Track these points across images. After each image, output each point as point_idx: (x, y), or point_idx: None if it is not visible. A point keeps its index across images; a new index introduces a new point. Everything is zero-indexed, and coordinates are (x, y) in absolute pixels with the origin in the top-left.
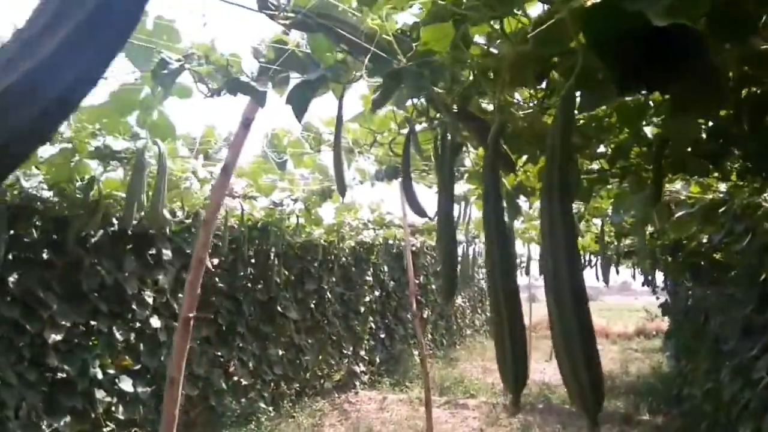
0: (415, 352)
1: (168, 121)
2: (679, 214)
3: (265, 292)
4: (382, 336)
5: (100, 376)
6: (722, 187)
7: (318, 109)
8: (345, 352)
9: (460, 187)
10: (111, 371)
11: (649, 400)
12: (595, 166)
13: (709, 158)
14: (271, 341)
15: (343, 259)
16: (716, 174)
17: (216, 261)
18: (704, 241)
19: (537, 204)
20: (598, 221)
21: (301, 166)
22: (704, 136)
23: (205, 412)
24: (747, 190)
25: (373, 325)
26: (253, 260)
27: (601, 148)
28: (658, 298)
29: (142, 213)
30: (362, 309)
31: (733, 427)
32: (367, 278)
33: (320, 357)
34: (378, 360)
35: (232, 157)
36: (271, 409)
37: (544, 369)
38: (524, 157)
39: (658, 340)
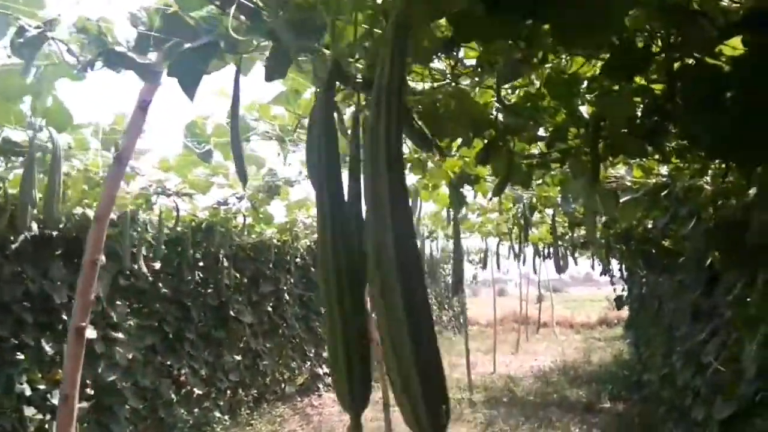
0: None
1: (63, 107)
2: (625, 199)
3: (216, 296)
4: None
5: (28, 392)
6: (664, 170)
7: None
8: (307, 354)
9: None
10: (41, 386)
11: (610, 388)
12: (536, 150)
13: (647, 137)
14: (225, 347)
15: (299, 259)
16: (656, 156)
17: (157, 265)
18: (650, 226)
19: (495, 198)
20: (551, 212)
21: (232, 159)
22: (639, 114)
23: (154, 425)
24: (688, 172)
25: None
26: (201, 263)
27: (542, 132)
28: (615, 290)
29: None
30: (323, 310)
31: (688, 412)
32: None
33: (280, 361)
34: None
35: (128, 144)
36: (227, 417)
37: (509, 362)
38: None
39: (620, 329)
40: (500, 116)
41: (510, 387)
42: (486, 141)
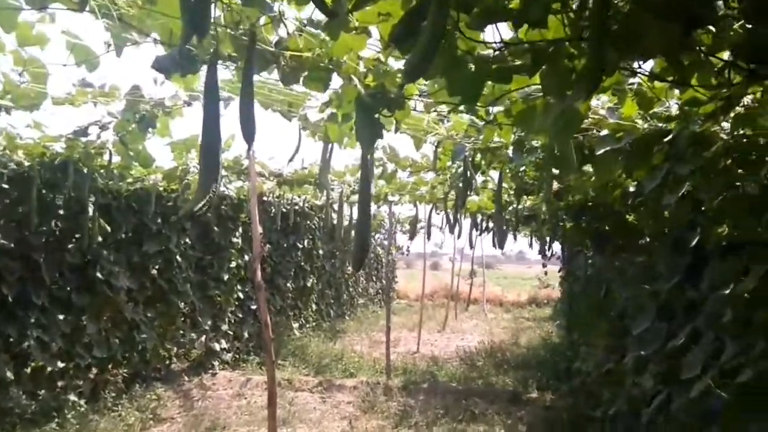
0: (295, 325)
1: None
2: (603, 150)
3: (79, 253)
4: (253, 307)
5: None
6: (673, 108)
7: None
8: (203, 327)
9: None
10: None
11: (539, 376)
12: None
13: (682, 18)
14: (90, 316)
15: (198, 215)
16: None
17: None
18: (631, 189)
19: (429, 152)
20: (496, 175)
21: (32, 42)
22: None
23: None
24: (704, 111)
25: (241, 295)
26: (61, 211)
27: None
28: (546, 273)
29: None
30: (226, 276)
31: (640, 422)
32: (235, 240)
33: (165, 334)
34: (246, 335)
35: None
36: (83, 402)
37: (435, 341)
38: None
39: (549, 309)
40: None
41: (432, 371)
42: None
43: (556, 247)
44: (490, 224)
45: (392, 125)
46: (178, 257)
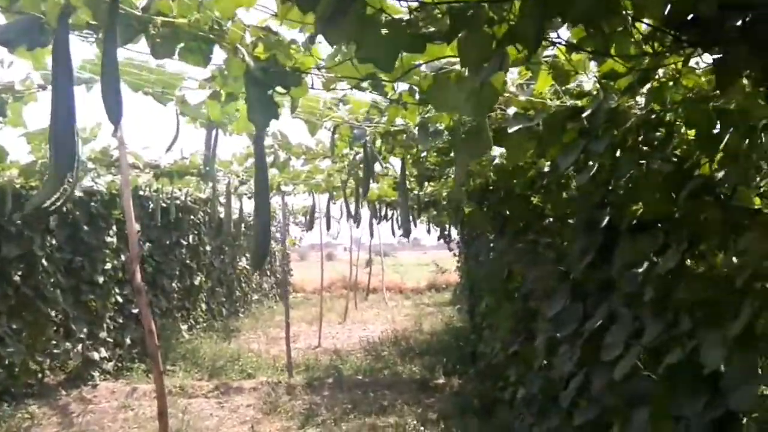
0: (184, 327)
1: None
2: (515, 128)
3: None
4: (135, 311)
5: None
6: (586, 84)
7: None
8: (78, 335)
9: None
10: None
11: (444, 361)
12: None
13: None
14: None
15: (67, 214)
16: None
17: None
18: (546, 170)
19: (325, 138)
20: (397, 162)
21: None
22: None
23: None
24: (619, 87)
25: (119, 299)
26: None
27: None
28: (455, 255)
29: None
30: (101, 279)
31: (554, 404)
32: (109, 239)
33: (35, 345)
34: (129, 341)
35: None
36: None
37: (336, 333)
38: None
39: (448, 293)
40: None
41: (336, 365)
42: None
43: (455, 232)
44: (389, 213)
45: (287, 105)
46: (43, 261)
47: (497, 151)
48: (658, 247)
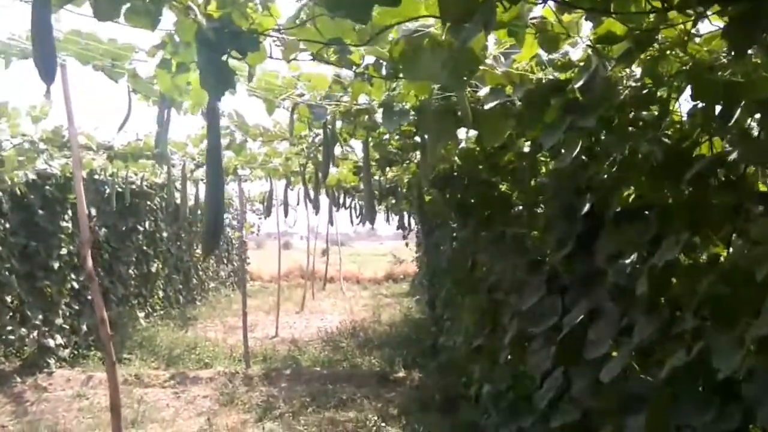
0: (141, 314)
1: None
2: (492, 104)
3: None
4: (90, 297)
5: None
6: (573, 53)
7: None
8: (33, 321)
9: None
10: None
11: (404, 354)
12: None
13: None
14: None
15: (20, 197)
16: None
17: None
18: (526, 150)
19: (282, 118)
20: (358, 146)
21: None
22: None
23: None
24: (615, 53)
25: (75, 285)
26: None
27: None
28: (407, 245)
29: None
30: (56, 265)
31: (526, 403)
32: (64, 224)
33: None
34: (85, 328)
35: None
36: None
37: (294, 323)
38: None
39: (406, 284)
40: None
41: (294, 355)
42: None
43: (414, 222)
44: (348, 200)
45: (243, 82)
46: None
47: (463, 133)
48: (651, 237)
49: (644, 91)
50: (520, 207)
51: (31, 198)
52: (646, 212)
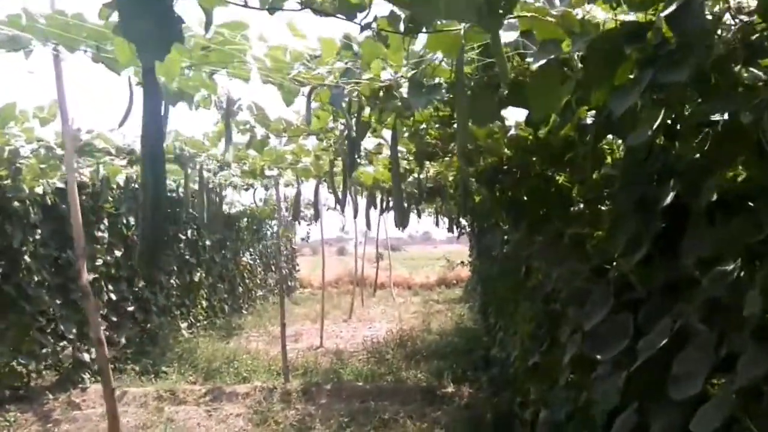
0: (184, 325)
1: None
2: (540, 63)
3: None
4: (131, 308)
5: None
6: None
7: None
8: (66, 336)
9: None
10: None
11: (453, 366)
12: None
13: None
14: None
15: (50, 207)
16: None
17: None
18: (588, 121)
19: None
20: (388, 135)
21: None
22: None
23: None
24: None
25: (113, 296)
26: None
27: None
28: (470, 251)
29: None
30: (91, 277)
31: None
32: (100, 234)
33: (20, 347)
34: (123, 341)
35: None
36: None
37: (341, 331)
38: None
39: (459, 290)
40: None
41: (336, 368)
42: None
43: (466, 222)
44: (389, 202)
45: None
46: (26, 257)
47: (512, 117)
48: (762, 234)
49: (754, 36)
50: (581, 204)
51: (62, 207)
52: (751, 203)
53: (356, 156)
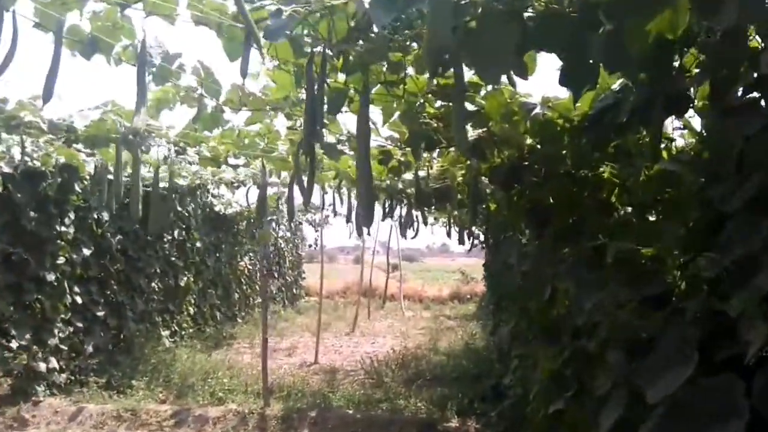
0: (165, 333)
1: None
2: None
3: None
4: (100, 313)
5: None
6: None
7: None
8: (18, 342)
9: None
10: None
11: (459, 396)
12: None
13: None
14: None
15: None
16: None
17: None
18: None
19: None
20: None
21: None
22: None
23: None
24: None
25: (79, 299)
26: None
27: None
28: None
29: None
30: (52, 276)
31: None
32: (64, 228)
33: None
34: (90, 349)
35: None
36: None
37: (340, 346)
38: None
39: (473, 305)
40: None
41: (324, 392)
42: None
43: (480, 232)
44: (396, 208)
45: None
46: None
47: (537, 90)
48: None
49: None
50: (629, 209)
51: (18, 197)
52: None
53: (317, 126)
